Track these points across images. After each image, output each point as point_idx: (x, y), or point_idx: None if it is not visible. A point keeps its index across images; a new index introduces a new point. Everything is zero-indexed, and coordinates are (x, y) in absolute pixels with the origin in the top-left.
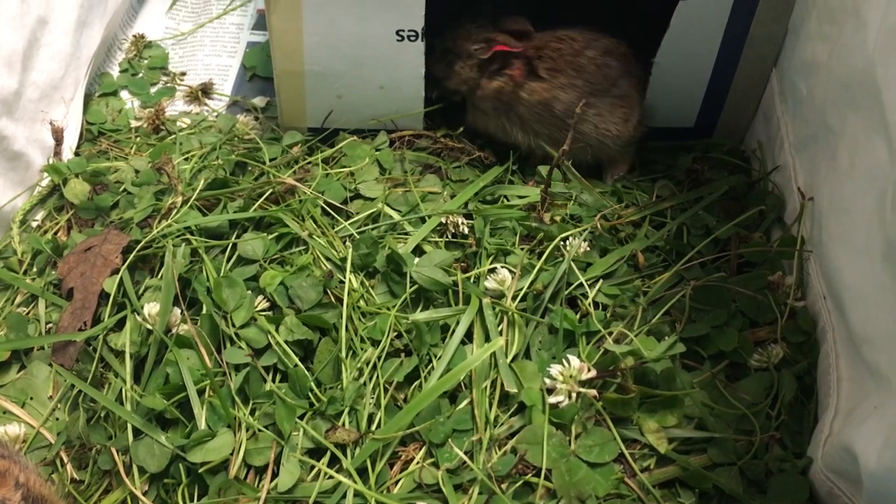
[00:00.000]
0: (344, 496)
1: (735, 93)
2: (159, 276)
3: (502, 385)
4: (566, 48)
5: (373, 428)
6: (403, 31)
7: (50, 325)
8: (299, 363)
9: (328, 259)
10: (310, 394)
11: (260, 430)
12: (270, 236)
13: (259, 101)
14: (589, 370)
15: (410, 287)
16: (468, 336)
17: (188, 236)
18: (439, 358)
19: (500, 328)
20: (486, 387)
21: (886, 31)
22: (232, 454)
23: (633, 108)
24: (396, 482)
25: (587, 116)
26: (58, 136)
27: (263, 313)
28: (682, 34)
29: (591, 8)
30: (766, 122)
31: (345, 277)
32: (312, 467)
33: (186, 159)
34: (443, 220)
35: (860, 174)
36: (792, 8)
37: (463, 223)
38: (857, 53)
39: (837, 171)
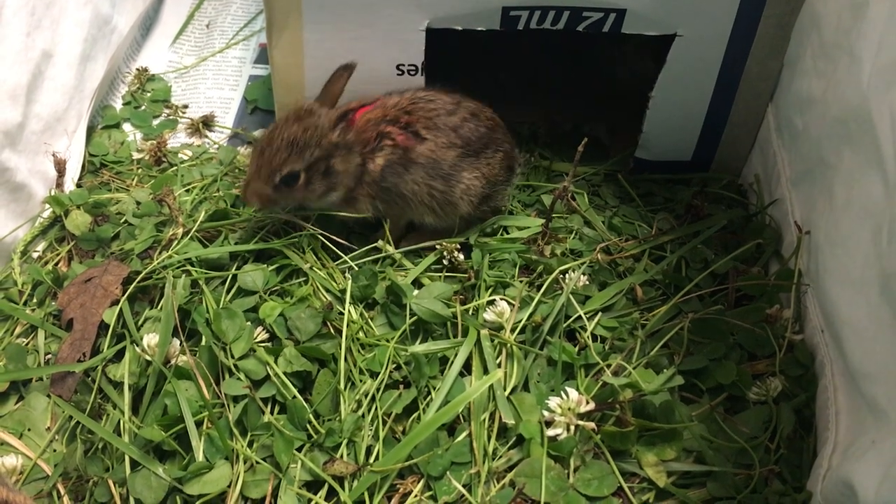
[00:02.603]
0: None
1: (732, 127)
2: (159, 307)
3: (500, 417)
4: (440, 108)
5: (371, 460)
6: (404, 65)
7: (49, 355)
8: (298, 395)
9: (328, 291)
10: (308, 426)
11: (258, 463)
12: (271, 268)
13: (260, 134)
14: (587, 403)
15: (410, 319)
16: (467, 368)
17: (188, 268)
18: (438, 390)
19: (498, 360)
20: (484, 419)
21: (880, 68)
22: (229, 487)
23: (489, 182)
24: None
25: (461, 177)
26: (60, 167)
27: (262, 345)
28: (679, 69)
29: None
30: (763, 157)
31: (344, 309)
32: (310, 500)
33: (188, 191)
34: (437, 245)
35: (856, 208)
36: (787, 44)
37: (458, 252)
38: (852, 89)
39: (834, 205)
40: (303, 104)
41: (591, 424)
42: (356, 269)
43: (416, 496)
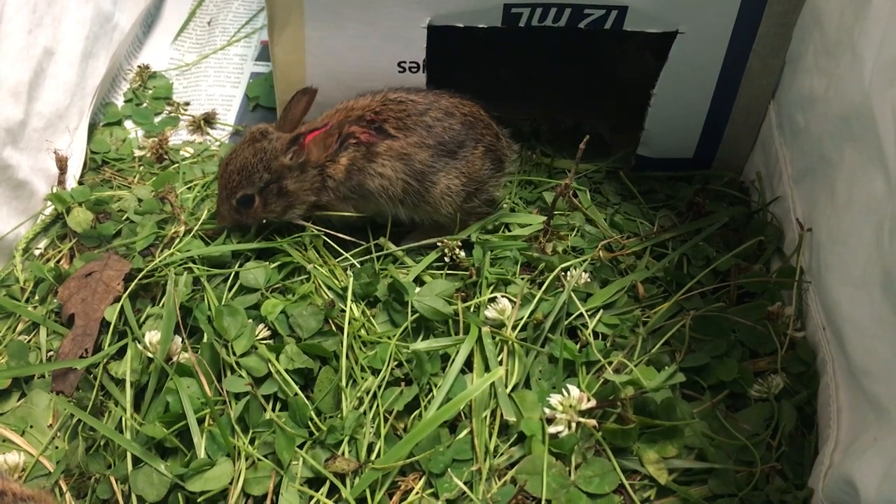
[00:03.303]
0: None
1: (733, 125)
2: (161, 305)
3: (502, 415)
4: (411, 108)
5: (372, 457)
6: (405, 62)
7: (51, 352)
8: (299, 392)
9: (329, 288)
10: (309, 423)
11: (259, 460)
12: (272, 265)
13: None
14: (589, 400)
15: (411, 316)
16: (468, 365)
17: (190, 265)
18: (439, 387)
19: (499, 358)
20: (485, 416)
21: (882, 65)
22: (231, 483)
23: (471, 179)
24: None
25: (437, 178)
26: (62, 165)
27: (264, 342)
28: (681, 66)
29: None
30: (765, 154)
31: (346, 306)
32: (311, 497)
33: (189, 188)
34: (438, 243)
35: (858, 206)
36: (789, 41)
37: (460, 250)
38: (854, 87)
39: (835, 202)
40: (257, 127)
41: (593, 422)
42: (358, 266)
43: (417, 493)
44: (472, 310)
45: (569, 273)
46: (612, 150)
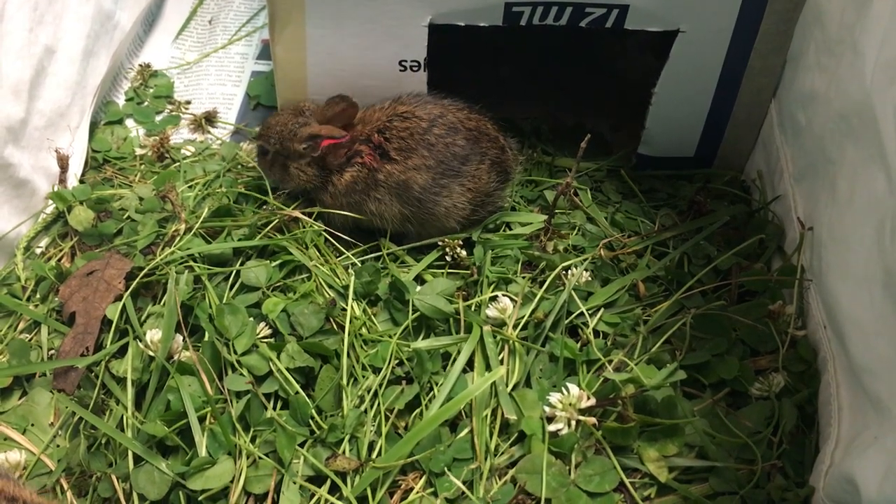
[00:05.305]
0: None
1: (735, 123)
2: (162, 303)
3: (502, 413)
4: (414, 127)
5: (373, 456)
6: (406, 61)
7: (52, 351)
8: (300, 390)
9: (330, 287)
10: (310, 421)
11: (260, 458)
12: (273, 264)
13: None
14: (589, 398)
15: (412, 315)
16: (469, 364)
17: (191, 263)
18: (440, 386)
19: (500, 356)
20: (486, 415)
21: (883, 63)
22: (232, 482)
23: (480, 192)
24: None
25: (440, 198)
26: (63, 163)
27: (265, 340)
28: (682, 65)
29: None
30: (766, 153)
31: (347, 305)
32: (312, 495)
33: (190, 187)
34: (439, 242)
35: (859, 204)
36: (790, 40)
37: (461, 248)
38: (855, 85)
39: (836, 201)
40: (305, 104)
41: (593, 420)
42: (359, 265)
43: (417, 492)
44: (473, 308)
45: (570, 272)
46: (613, 148)
